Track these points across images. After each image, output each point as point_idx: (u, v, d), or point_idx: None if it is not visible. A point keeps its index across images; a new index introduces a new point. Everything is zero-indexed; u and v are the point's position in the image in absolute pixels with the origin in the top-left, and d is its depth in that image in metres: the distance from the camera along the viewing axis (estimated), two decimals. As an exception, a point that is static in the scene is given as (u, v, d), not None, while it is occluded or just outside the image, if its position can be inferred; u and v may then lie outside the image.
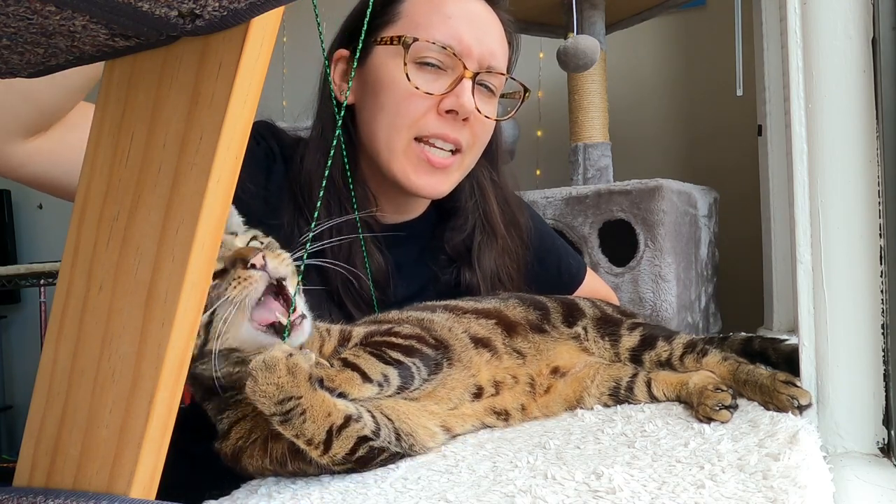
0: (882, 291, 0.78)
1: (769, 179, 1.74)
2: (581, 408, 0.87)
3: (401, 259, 1.09)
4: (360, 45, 1.01)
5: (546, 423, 0.84)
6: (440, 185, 1.05)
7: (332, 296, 1.03)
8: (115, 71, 0.53)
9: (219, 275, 0.68)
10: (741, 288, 2.12)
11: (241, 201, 0.99)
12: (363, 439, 0.66)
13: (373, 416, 0.68)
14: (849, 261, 0.79)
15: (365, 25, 0.88)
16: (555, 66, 1.81)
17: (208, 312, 0.66)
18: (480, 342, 0.84)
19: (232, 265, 0.69)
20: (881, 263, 0.78)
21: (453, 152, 1.05)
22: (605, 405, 0.87)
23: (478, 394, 0.81)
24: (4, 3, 0.41)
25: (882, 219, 0.78)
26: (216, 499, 0.67)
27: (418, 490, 0.63)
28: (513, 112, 1.15)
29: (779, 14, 1.61)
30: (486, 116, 1.05)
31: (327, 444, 0.64)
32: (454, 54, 1.01)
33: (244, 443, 0.70)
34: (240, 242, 0.73)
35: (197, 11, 0.45)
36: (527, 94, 1.13)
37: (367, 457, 0.68)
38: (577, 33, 1.75)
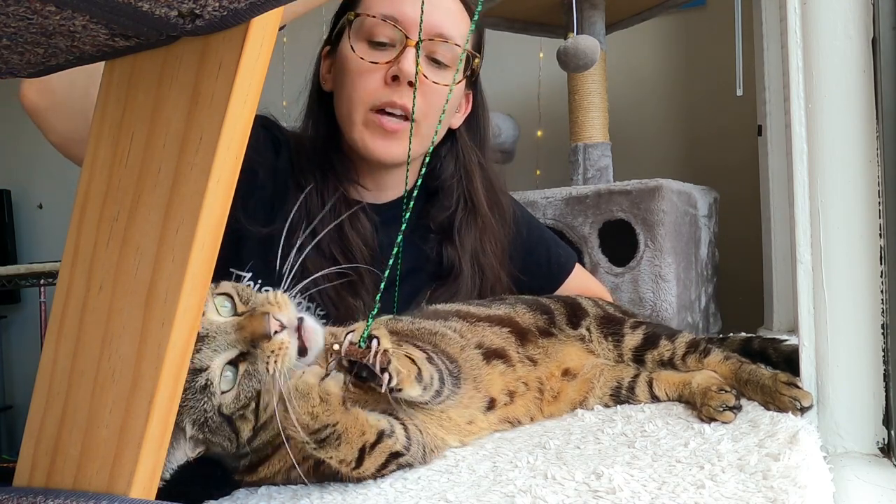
0: (882, 291, 0.78)
1: (769, 179, 1.74)
2: (582, 408, 0.87)
3: (391, 239, 1.11)
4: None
5: (546, 423, 0.84)
6: (394, 148, 1.09)
7: (346, 281, 1.06)
8: (115, 71, 0.53)
9: (241, 360, 0.64)
10: (741, 288, 2.12)
11: (259, 178, 1.04)
12: (395, 455, 0.67)
13: (405, 430, 0.69)
14: (849, 261, 0.79)
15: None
16: (555, 66, 1.81)
17: (253, 400, 0.64)
18: (495, 353, 0.84)
19: (252, 345, 0.64)
20: (881, 263, 0.78)
21: (404, 119, 1.09)
22: (606, 405, 0.87)
23: (491, 406, 0.81)
24: (4, 3, 0.41)
25: (882, 219, 0.78)
26: (216, 499, 0.67)
27: (418, 490, 0.63)
28: (459, 79, 1.17)
29: (779, 14, 1.61)
30: (433, 82, 1.09)
31: (359, 461, 0.64)
32: (395, 26, 1.06)
33: (271, 475, 0.70)
34: (221, 318, 0.66)
35: (197, 11, 0.45)
36: (475, 61, 1.17)
37: (393, 470, 0.68)
38: (577, 33, 1.75)
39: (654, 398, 0.87)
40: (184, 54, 0.50)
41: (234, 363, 0.64)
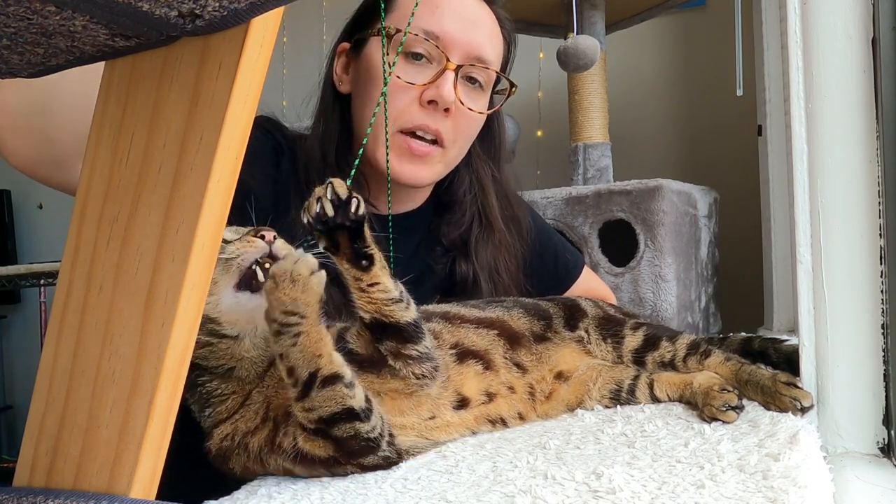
0: (882, 291, 0.78)
1: (769, 179, 1.74)
2: (581, 409, 0.87)
3: (400, 250, 1.10)
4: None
5: (546, 423, 0.84)
6: (420, 172, 1.06)
7: (327, 271, 1.05)
8: (116, 71, 0.53)
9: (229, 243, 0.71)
10: (741, 288, 2.12)
11: (254, 191, 1.03)
12: (348, 413, 0.64)
13: (367, 397, 0.66)
14: (849, 261, 0.79)
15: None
16: (555, 66, 1.81)
17: None
18: (471, 354, 0.82)
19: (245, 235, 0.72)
20: (881, 263, 0.78)
21: (434, 143, 1.06)
22: (606, 407, 0.87)
23: (462, 404, 0.79)
24: (4, 4, 0.41)
25: (882, 219, 0.78)
26: (216, 499, 0.67)
27: (418, 490, 0.63)
28: (497, 106, 1.15)
29: (779, 14, 1.61)
30: (469, 109, 1.06)
31: (306, 387, 0.63)
32: (437, 46, 1.02)
33: (230, 443, 0.70)
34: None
35: (197, 11, 0.45)
36: (512, 90, 1.15)
37: (350, 443, 0.66)
38: (577, 33, 1.75)
39: (655, 399, 0.86)
40: (184, 54, 0.50)
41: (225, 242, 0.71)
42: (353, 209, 0.67)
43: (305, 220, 0.68)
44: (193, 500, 0.62)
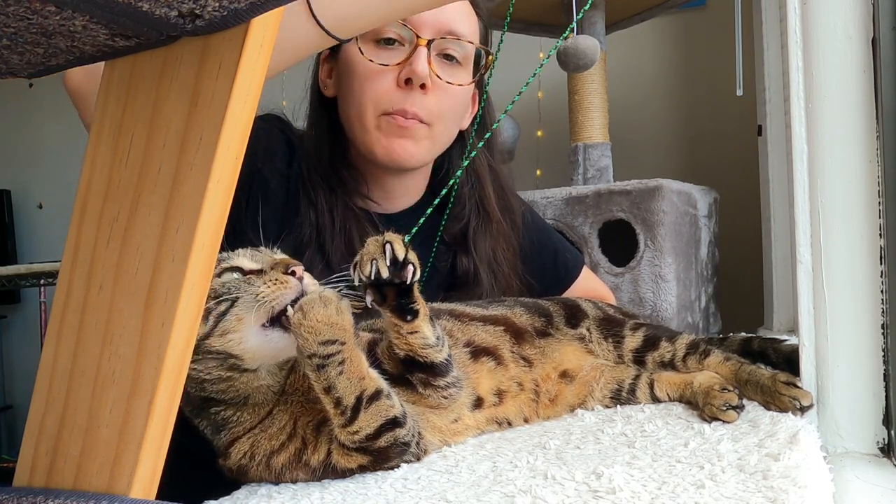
0: (882, 291, 0.78)
1: (769, 179, 1.74)
2: (581, 408, 0.87)
3: None
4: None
5: (546, 423, 0.84)
6: (410, 147, 1.06)
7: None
8: (115, 71, 0.53)
9: (254, 273, 0.69)
10: (741, 288, 2.12)
11: (271, 188, 1.03)
12: (392, 423, 0.66)
13: (400, 402, 0.68)
14: (849, 261, 0.79)
15: None
16: (555, 66, 1.81)
17: (227, 302, 0.66)
18: (484, 351, 0.83)
19: (270, 268, 0.69)
20: (881, 263, 0.78)
21: (420, 121, 1.07)
22: (606, 406, 0.87)
23: (477, 404, 0.80)
24: (4, 4, 0.41)
25: (882, 219, 0.78)
26: (216, 499, 0.67)
27: (418, 490, 0.63)
28: (475, 78, 1.15)
29: (779, 14, 1.61)
30: (447, 82, 1.07)
31: (354, 411, 0.64)
32: (405, 24, 1.03)
33: (247, 461, 0.70)
34: (279, 256, 0.74)
35: (197, 11, 0.45)
36: (489, 59, 1.14)
37: (388, 449, 0.67)
38: (577, 33, 1.75)
39: (655, 399, 0.87)
40: (184, 54, 0.50)
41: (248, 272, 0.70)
42: (408, 275, 0.66)
43: (357, 281, 0.66)
44: (193, 500, 0.62)
